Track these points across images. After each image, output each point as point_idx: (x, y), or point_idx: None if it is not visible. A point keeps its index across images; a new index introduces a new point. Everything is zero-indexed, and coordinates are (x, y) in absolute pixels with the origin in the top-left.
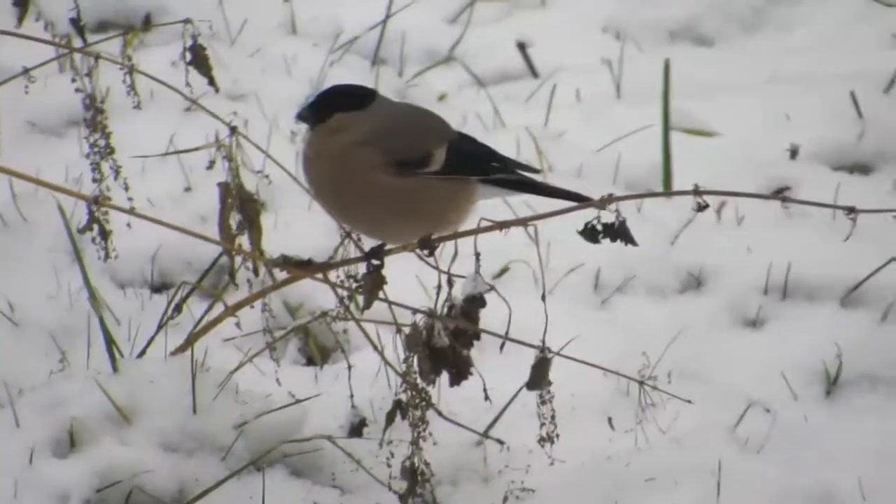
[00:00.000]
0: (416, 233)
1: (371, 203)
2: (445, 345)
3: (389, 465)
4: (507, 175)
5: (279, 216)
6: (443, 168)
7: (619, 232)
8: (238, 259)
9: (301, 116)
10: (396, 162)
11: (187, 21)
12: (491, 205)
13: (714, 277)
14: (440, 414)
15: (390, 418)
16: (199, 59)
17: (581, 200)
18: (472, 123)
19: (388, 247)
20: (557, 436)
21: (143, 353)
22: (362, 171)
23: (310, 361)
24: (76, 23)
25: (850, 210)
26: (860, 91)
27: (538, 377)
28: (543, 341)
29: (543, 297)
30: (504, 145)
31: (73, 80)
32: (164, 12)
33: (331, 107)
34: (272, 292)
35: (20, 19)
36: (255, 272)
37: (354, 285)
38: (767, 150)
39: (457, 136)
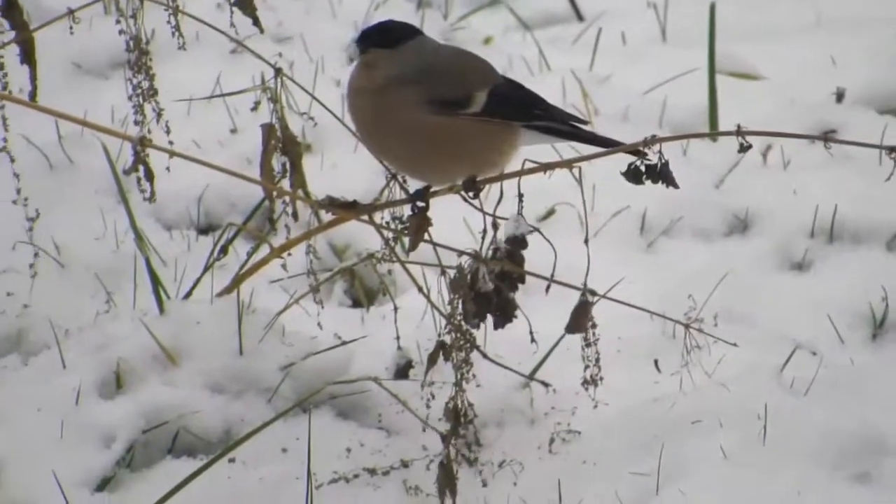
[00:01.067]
0: (457, 174)
1: (409, 139)
2: (490, 288)
3: (429, 407)
4: (550, 122)
5: (325, 158)
6: (483, 110)
7: (661, 174)
8: (279, 202)
9: (353, 45)
10: (436, 100)
11: None
12: (537, 148)
13: (760, 220)
14: (485, 356)
15: (433, 359)
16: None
17: (626, 152)
18: (517, 67)
19: (433, 189)
20: (601, 378)
21: (189, 294)
22: (401, 107)
23: (356, 303)
24: None
25: (893, 150)
26: None
27: (579, 321)
28: (585, 284)
29: (586, 240)
30: (549, 89)
31: (118, 22)
32: None
33: (368, 41)
34: (318, 234)
35: None
36: (295, 216)
37: (400, 227)
38: (813, 93)
39: (502, 81)
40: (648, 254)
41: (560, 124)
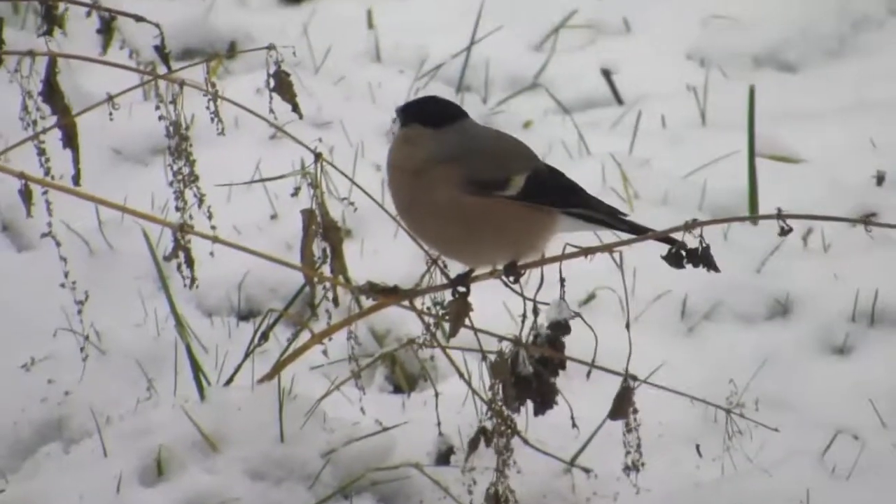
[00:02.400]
0: (496, 256)
1: (446, 219)
2: (531, 373)
3: (470, 492)
4: (588, 210)
5: (365, 243)
6: (520, 194)
7: (702, 258)
8: (320, 287)
9: (397, 113)
10: (475, 181)
11: (271, 48)
12: (577, 233)
13: (801, 304)
14: (526, 441)
15: (473, 445)
16: (283, 85)
17: (663, 239)
18: (557, 151)
19: (473, 273)
20: (643, 464)
21: (230, 380)
22: (439, 186)
23: (397, 389)
24: (160, 50)
25: None
26: None
27: (621, 407)
28: (627, 370)
29: (628, 325)
30: (589, 172)
31: (158, 108)
32: (248, 39)
33: (411, 115)
34: (359, 320)
35: (105, 47)
36: (335, 301)
37: (441, 312)
38: (853, 176)
39: (542, 167)
40: (689, 338)
41: (598, 212)
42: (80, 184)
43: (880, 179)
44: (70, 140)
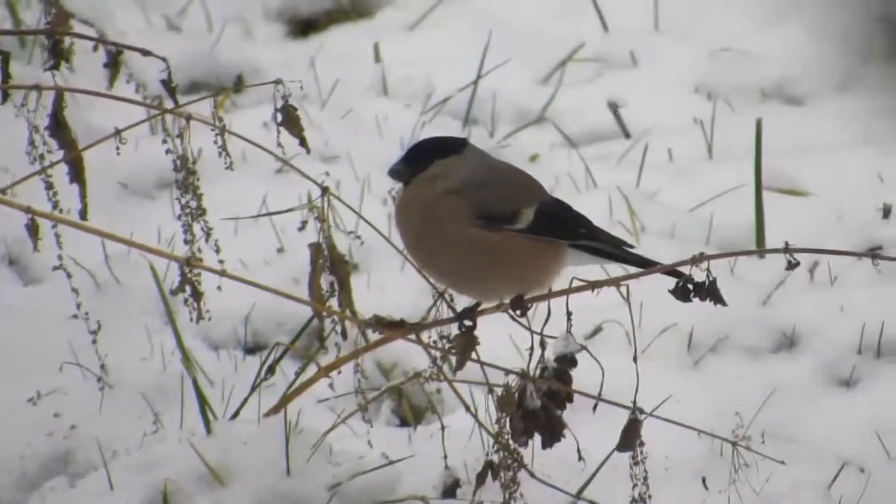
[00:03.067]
0: (503, 290)
1: (454, 253)
2: (538, 407)
3: None
4: (596, 243)
5: (372, 277)
6: (529, 227)
7: (709, 291)
8: (328, 321)
9: (394, 172)
10: (484, 215)
11: (278, 82)
12: (583, 266)
13: (807, 337)
14: (532, 475)
15: (481, 479)
16: (290, 119)
17: (670, 272)
18: (563, 184)
19: (480, 307)
20: (650, 496)
21: (236, 414)
22: (449, 219)
23: (403, 422)
24: (167, 84)
25: None
26: None
27: (629, 439)
28: (634, 403)
29: (635, 358)
30: (596, 206)
31: (165, 142)
32: (255, 73)
33: (429, 155)
34: (365, 353)
35: (111, 81)
36: (344, 335)
37: (447, 346)
38: (860, 210)
39: (550, 200)
40: (695, 371)
41: (606, 245)
42: (87, 218)
43: (887, 212)
44: (77, 174)
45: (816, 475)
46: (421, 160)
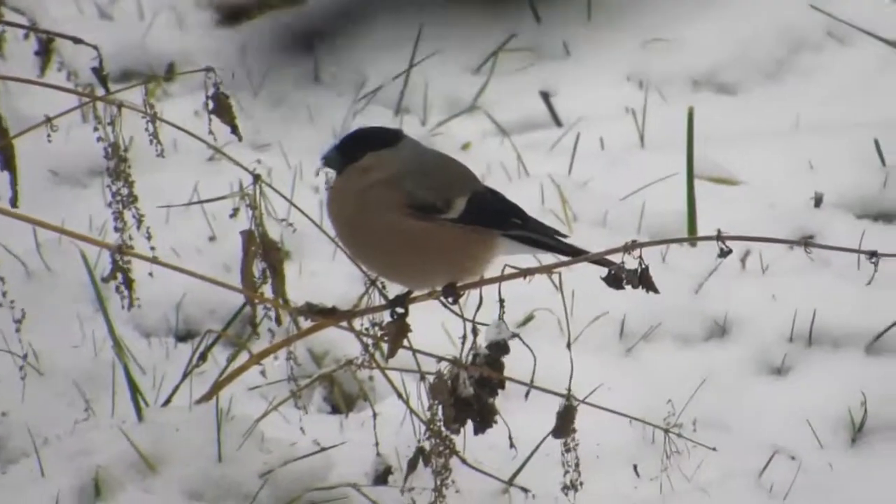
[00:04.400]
0: (435, 279)
1: (386, 243)
2: (470, 394)
3: None
4: (528, 233)
5: (304, 265)
6: (461, 217)
7: (641, 279)
8: (261, 308)
9: (327, 159)
10: (416, 205)
11: (210, 70)
12: (515, 255)
13: (739, 325)
14: (464, 461)
15: (412, 465)
16: (222, 107)
17: (602, 261)
18: (495, 172)
19: (412, 295)
20: (582, 483)
21: (168, 401)
22: (380, 209)
23: (335, 409)
24: (98, 72)
25: (873, 254)
26: (883, 139)
27: (564, 425)
28: (569, 389)
29: (569, 345)
30: (528, 194)
31: (96, 129)
32: (187, 61)
33: (362, 146)
34: (297, 340)
35: (43, 68)
36: (278, 321)
37: (379, 333)
38: (791, 198)
39: (482, 189)
40: (627, 359)
41: (538, 234)
42: (18, 205)
43: (818, 201)
44: (8, 162)
45: (748, 463)
46: (355, 150)
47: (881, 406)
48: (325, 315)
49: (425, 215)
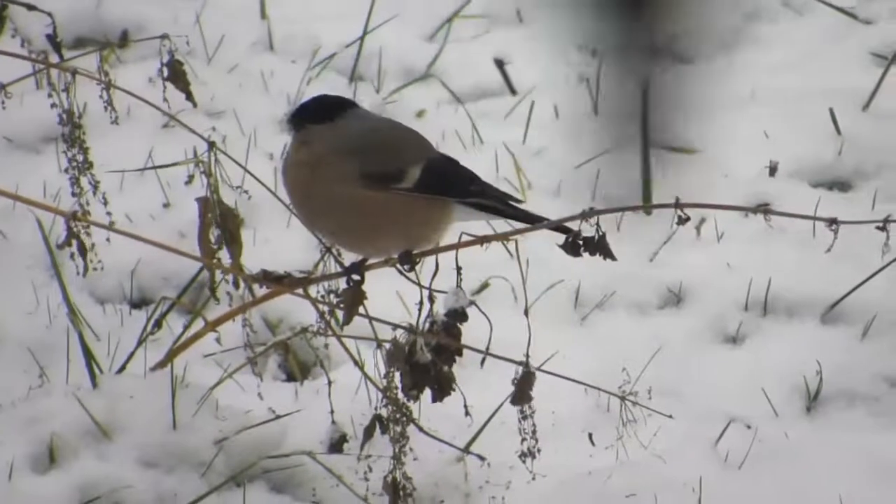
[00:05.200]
0: (391, 248)
1: (341, 213)
2: (428, 361)
3: (367, 480)
4: (483, 199)
5: (258, 232)
6: (416, 185)
7: (599, 246)
8: (218, 274)
9: (287, 122)
10: (368, 174)
11: (164, 37)
12: (472, 222)
13: (694, 294)
14: (421, 429)
15: (369, 433)
16: (176, 74)
17: (559, 228)
18: (450, 140)
19: (368, 262)
20: (539, 451)
21: (122, 368)
22: (334, 180)
23: (290, 377)
24: (52, 39)
25: (833, 222)
26: (839, 108)
27: (522, 392)
28: (527, 356)
29: (526, 312)
30: (482, 162)
31: (50, 96)
32: (141, 29)
33: (303, 118)
34: (252, 308)
35: None
36: (237, 285)
37: (335, 301)
38: (747, 167)
39: (437, 157)
40: (582, 327)
41: (494, 201)
42: None
43: (773, 170)
44: None
45: (703, 431)
46: (297, 120)
47: (836, 374)
48: (280, 282)
49: (379, 185)
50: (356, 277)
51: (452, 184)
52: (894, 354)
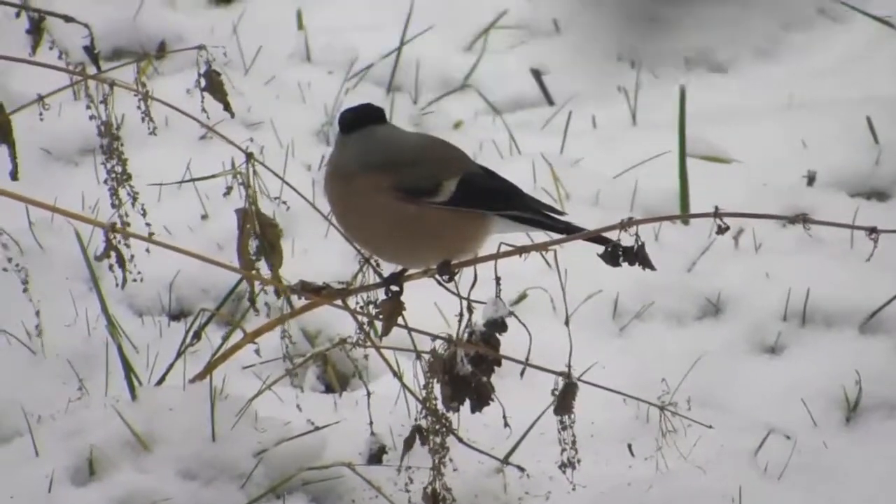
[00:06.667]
0: (428, 259)
1: (378, 226)
2: (468, 372)
3: (407, 491)
4: (521, 212)
5: (297, 243)
6: (451, 199)
7: (638, 256)
8: (257, 285)
9: (340, 122)
10: (403, 188)
11: (201, 48)
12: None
13: (732, 304)
14: (460, 440)
15: (408, 444)
16: (213, 85)
17: (597, 238)
18: (487, 151)
19: (407, 272)
20: (579, 461)
21: (161, 380)
22: (369, 193)
23: (329, 388)
24: (90, 50)
25: (872, 230)
26: (876, 116)
27: (564, 402)
28: (569, 367)
29: (567, 323)
30: (520, 173)
31: (88, 108)
32: (178, 40)
33: (354, 121)
34: (291, 319)
35: (34, 47)
36: (277, 295)
37: (374, 311)
38: (784, 176)
39: (475, 170)
40: (621, 338)
41: (533, 213)
42: (19, 178)
43: (811, 180)
44: (5, 135)
45: (743, 442)
46: (354, 125)
47: (875, 384)
48: (319, 293)
49: (414, 199)
50: (395, 288)
51: (488, 197)
52: None
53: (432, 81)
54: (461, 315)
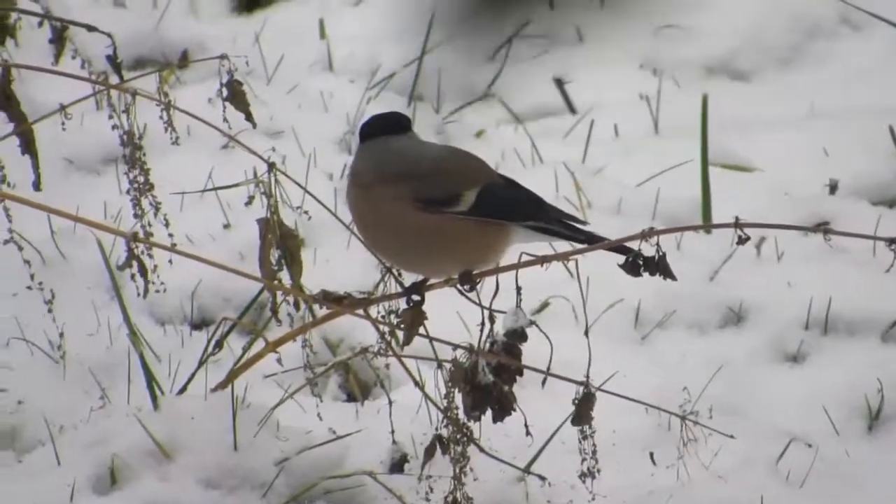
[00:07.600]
0: (449, 269)
1: (398, 236)
2: (489, 381)
3: (428, 500)
4: (542, 223)
5: (318, 252)
6: (471, 209)
7: (659, 266)
8: (279, 294)
9: (361, 131)
10: (422, 198)
11: (223, 57)
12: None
13: (754, 313)
14: (482, 449)
15: (430, 453)
16: (236, 94)
17: (618, 248)
18: (510, 160)
19: (428, 282)
20: (599, 471)
21: (183, 389)
22: (389, 203)
23: (350, 397)
24: (112, 60)
25: (893, 241)
26: None
27: (582, 413)
28: (588, 377)
29: (587, 333)
30: (542, 181)
31: (111, 117)
32: (200, 49)
33: (373, 131)
34: (312, 328)
35: (57, 56)
36: (297, 306)
37: (395, 321)
38: (806, 185)
39: (496, 180)
40: (643, 346)
41: (554, 224)
42: (42, 188)
43: (833, 188)
44: (28, 146)
45: (764, 450)
46: (377, 132)
47: None
48: (341, 302)
49: (434, 209)
50: (416, 298)
51: (509, 207)
52: None
53: (454, 90)
54: (483, 324)
